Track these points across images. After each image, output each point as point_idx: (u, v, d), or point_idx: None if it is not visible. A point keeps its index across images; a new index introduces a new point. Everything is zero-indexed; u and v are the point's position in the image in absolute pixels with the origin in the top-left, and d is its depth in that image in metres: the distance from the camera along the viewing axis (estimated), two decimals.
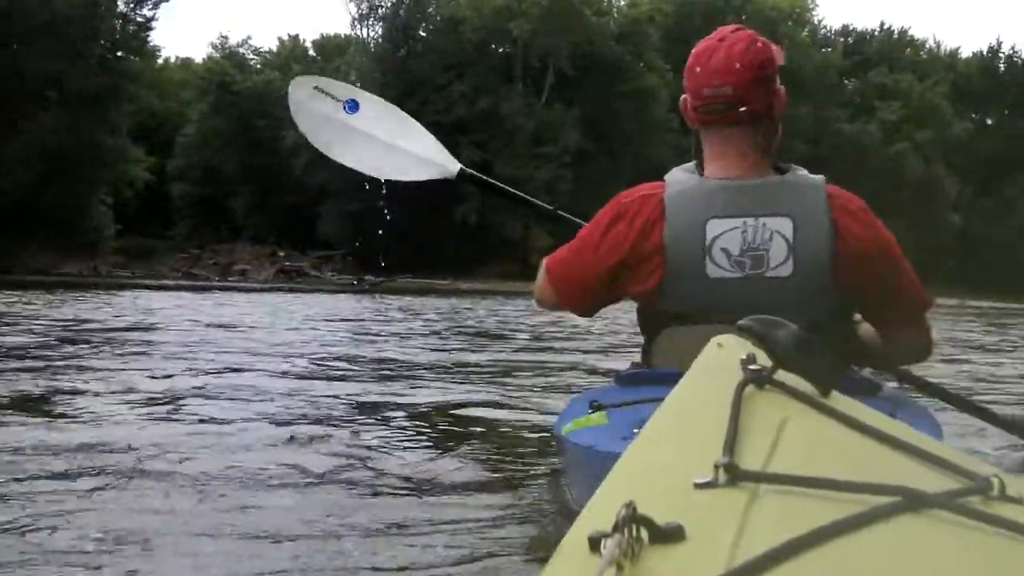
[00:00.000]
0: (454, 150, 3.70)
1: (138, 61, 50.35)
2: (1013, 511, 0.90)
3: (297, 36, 70.55)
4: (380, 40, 56.92)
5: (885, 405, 2.37)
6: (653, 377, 2.36)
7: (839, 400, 1.19)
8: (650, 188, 2.50)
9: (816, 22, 70.88)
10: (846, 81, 67.08)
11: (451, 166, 3.54)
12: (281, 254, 49.66)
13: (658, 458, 1.03)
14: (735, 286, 2.35)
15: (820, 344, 1.19)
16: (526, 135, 52.03)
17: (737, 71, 2.38)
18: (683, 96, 2.52)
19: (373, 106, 3.62)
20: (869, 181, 44.91)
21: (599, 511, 0.83)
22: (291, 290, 30.40)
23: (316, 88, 3.60)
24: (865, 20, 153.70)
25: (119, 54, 47.88)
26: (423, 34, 56.67)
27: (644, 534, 0.74)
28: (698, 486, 0.87)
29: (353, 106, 3.56)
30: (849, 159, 52.61)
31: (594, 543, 0.73)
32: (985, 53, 69.93)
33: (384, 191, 3.63)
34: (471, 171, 3.61)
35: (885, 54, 68.26)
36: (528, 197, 3.53)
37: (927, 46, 73.27)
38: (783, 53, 2.51)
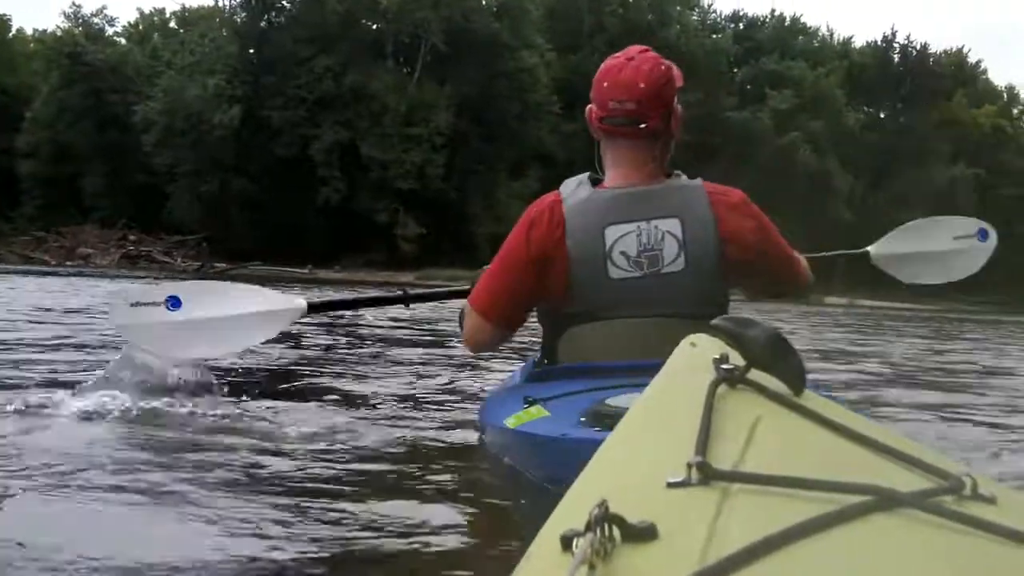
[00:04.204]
0: (317, 128, 3.90)
1: None
2: (985, 510, 0.95)
3: (163, 10, 69.39)
4: (239, 10, 55.98)
5: None
6: (568, 371, 2.80)
7: (811, 399, 1.25)
8: (551, 197, 2.92)
9: (706, 6, 72.03)
10: (735, 70, 67.97)
11: (298, 304, 3.77)
12: (132, 238, 48.50)
13: (631, 457, 1.09)
14: (635, 284, 2.76)
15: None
16: (396, 115, 51.47)
17: (641, 90, 2.82)
18: (589, 106, 2.97)
19: (193, 291, 3.73)
20: (759, 173, 45.65)
21: (571, 510, 0.86)
22: (133, 276, 29.68)
23: (133, 304, 3.68)
24: (756, 6, 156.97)
25: None
26: (286, 4, 55.82)
27: (616, 533, 0.78)
28: (671, 485, 0.92)
29: (175, 302, 3.63)
30: (738, 149, 53.52)
31: (566, 542, 0.77)
32: (879, 43, 71.28)
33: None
34: (318, 301, 4.05)
35: (777, 41, 69.37)
36: (385, 295, 3.99)
37: (820, 34, 75.09)
38: (681, 75, 2.96)
